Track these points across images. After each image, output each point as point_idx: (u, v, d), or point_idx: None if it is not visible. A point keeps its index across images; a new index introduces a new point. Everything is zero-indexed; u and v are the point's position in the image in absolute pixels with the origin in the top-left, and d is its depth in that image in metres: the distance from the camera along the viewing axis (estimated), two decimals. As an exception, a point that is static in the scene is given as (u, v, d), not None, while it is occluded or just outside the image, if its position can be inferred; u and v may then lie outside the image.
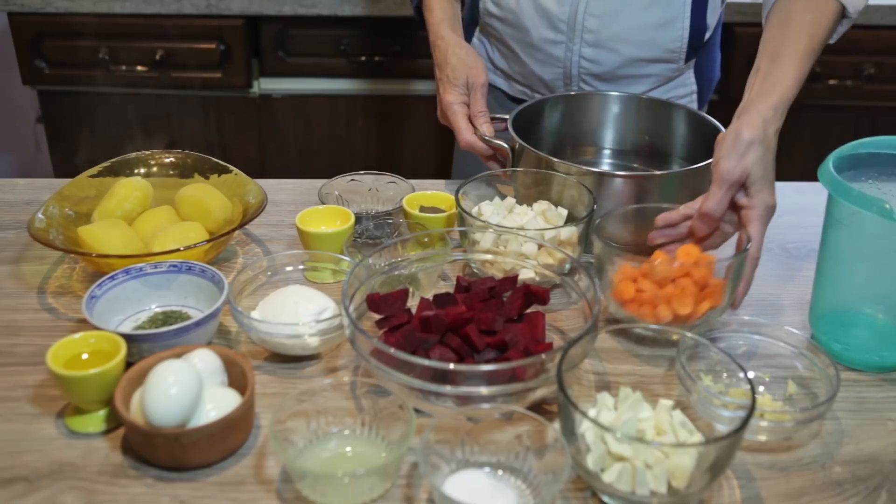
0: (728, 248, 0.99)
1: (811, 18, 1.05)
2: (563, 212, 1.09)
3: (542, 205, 1.10)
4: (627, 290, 0.94)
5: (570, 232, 1.03)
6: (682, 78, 1.39)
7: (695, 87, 1.41)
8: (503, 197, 1.12)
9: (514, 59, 1.39)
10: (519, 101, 1.42)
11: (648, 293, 0.92)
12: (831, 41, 1.11)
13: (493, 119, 1.22)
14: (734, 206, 0.98)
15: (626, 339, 0.92)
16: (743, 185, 0.97)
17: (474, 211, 1.09)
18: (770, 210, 0.97)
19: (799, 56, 1.03)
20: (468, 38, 1.51)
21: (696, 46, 1.35)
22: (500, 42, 1.40)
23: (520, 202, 1.11)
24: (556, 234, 1.02)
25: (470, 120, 1.23)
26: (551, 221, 1.07)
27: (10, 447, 0.81)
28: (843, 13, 1.08)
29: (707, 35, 1.35)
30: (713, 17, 1.35)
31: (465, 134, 1.21)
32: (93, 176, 1.16)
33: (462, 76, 1.23)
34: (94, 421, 0.83)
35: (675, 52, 1.33)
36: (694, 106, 1.42)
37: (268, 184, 1.20)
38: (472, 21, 1.47)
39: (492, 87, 1.49)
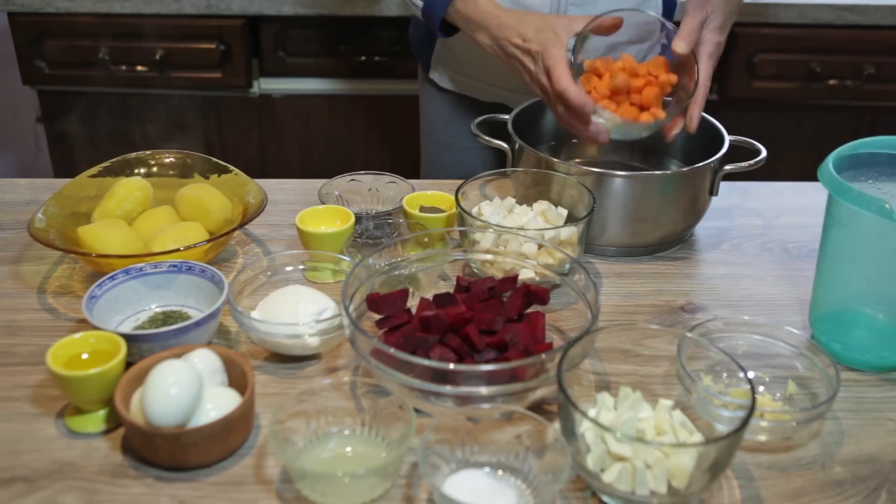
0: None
1: None
2: (563, 212, 1.09)
3: (542, 205, 1.10)
4: (587, 82, 1.14)
5: (570, 232, 1.03)
6: (651, 57, 1.40)
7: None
8: (503, 197, 1.12)
9: (490, 62, 1.38)
10: (496, 106, 1.42)
11: (601, 91, 1.13)
12: None
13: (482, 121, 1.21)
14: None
15: (627, 339, 0.92)
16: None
17: (474, 211, 1.09)
18: (719, 46, 1.14)
19: None
20: (431, 47, 1.50)
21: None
22: (472, 47, 1.39)
23: (520, 202, 1.11)
24: (556, 234, 1.02)
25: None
26: (551, 221, 1.07)
27: (10, 447, 0.81)
28: None
29: (676, 11, 1.38)
30: None
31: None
32: (93, 176, 1.16)
33: (554, 23, 1.14)
34: (94, 421, 0.83)
35: (650, 31, 1.34)
36: None
37: (268, 184, 1.20)
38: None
39: (464, 97, 1.49)
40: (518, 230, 1.02)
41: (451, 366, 0.80)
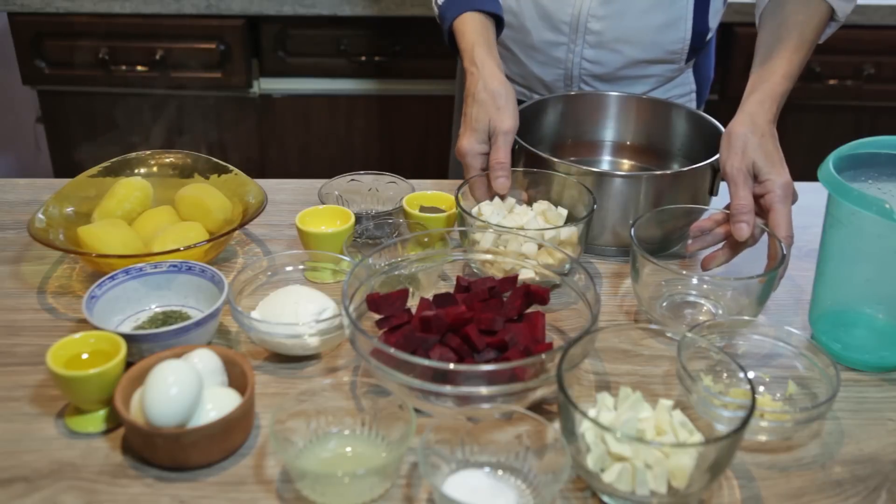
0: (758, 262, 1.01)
1: (802, 18, 1.10)
2: (563, 212, 1.09)
3: (542, 205, 1.10)
4: None
5: (570, 232, 1.03)
6: (681, 78, 1.40)
7: (694, 87, 1.42)
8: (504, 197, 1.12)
9: (512, 61, 1.38)
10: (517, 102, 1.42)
11: None
12: (819, 42, 1.15)
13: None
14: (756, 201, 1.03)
15: (626, 339, 0.92)
16: (754, 176, 1.02)
17: (474, 211, 1.09)
18: (786, 187, 1.01)
19: (788, 53, 1.08)
20: None
21: (698, 48, 1.35)
22: (497, 44, 1.39)
23: (520, 202, 1.11)
24: (556, 234, 1.02)
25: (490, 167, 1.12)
26: (551, 221, 1.07)
27: (10, 447, 0.81)
28: (832, 16, 1.13)
29: (708, 36, 1.36)
30: (715, 20, 1.35)
31: (476, 192, 1.11)
32: (93, 176, 1.16)
33: (484, 119, 1.10)
34: (94, 421, 0.83)
35: (676, 53, 1.34)
36: (693, 105, 1.43)
37: (268, 184, 1.20)
38: None
39: None
40: (518, 230, 1.02)
41: (451, 366, 0.80)
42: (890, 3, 2.03)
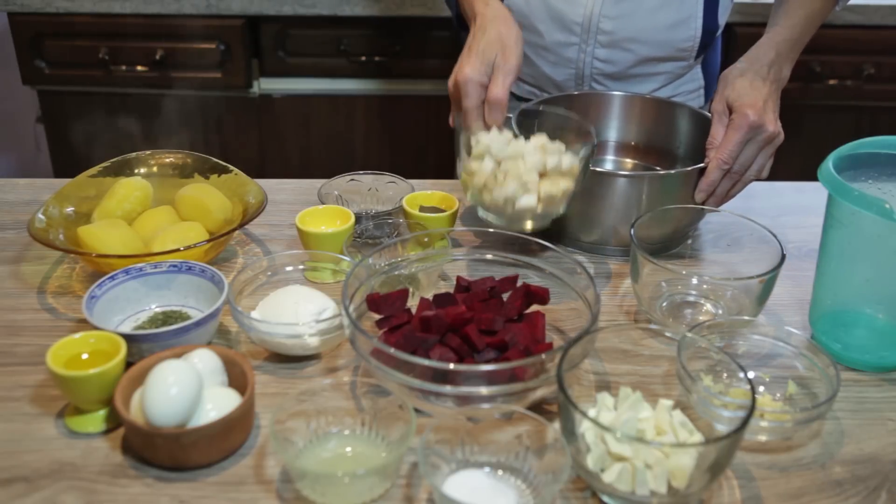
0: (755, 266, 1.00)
1: None
2: (562, 146, 1.04)
3: (540, 138, 1.03)
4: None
5: (572, 161, 0.99)
6: (690, 74, 1.41)
7: (702, 83, 1.43)
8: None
9: (524, 62, 1.38)
10: (528, 101, 1.42)
11: None
12: (837, 8, 1.22)
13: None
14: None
15: (627, 339, 0.92)
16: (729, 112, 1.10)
17: (473, 140, 1.03)
18: (743, 118, 1.06)
19: (795, 5, 1.17)
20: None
21: (707, 44, 1.36)
22: None
23: (517, 135, 1.08)
24: (558, 164, 0.98)
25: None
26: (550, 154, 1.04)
27: (10, 447, 0.81)
28: None
29: (718, 33, 1.37)
30: (724, 17, 1.36)
31: (471, 122, 1.06)
32: (93, 176, 1.16)
33: (490, 53, 1.06)
34: (94, 421, 0.83)
35: (687, 50, 1.35)
36: (701, 100, 1.44)
37: (268, 184, 1.20)
38: None
39: None
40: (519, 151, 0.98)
41: (451, 366, 0.80)
42: (890, 3, 2.03)
